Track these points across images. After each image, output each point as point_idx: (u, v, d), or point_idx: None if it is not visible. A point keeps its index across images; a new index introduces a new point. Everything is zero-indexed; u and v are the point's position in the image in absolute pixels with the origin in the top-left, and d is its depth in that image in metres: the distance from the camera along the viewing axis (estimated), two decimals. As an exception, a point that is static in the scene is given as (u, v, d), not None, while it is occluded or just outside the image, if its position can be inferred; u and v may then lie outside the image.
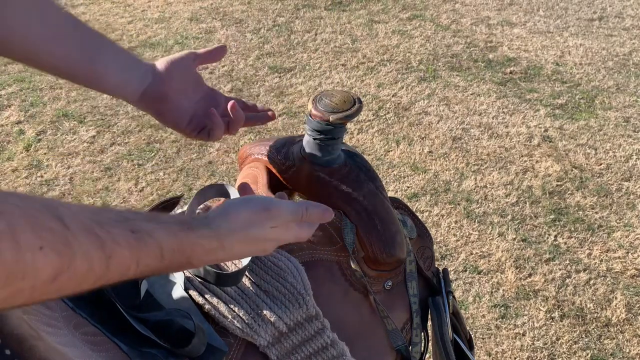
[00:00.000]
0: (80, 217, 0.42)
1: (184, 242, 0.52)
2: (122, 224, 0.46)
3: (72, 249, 0.40)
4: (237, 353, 0.67)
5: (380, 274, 0.85)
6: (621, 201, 2.37)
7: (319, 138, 0.83)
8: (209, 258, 0.57)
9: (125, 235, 0.46)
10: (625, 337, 1.83)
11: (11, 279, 0.36)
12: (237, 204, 0.61)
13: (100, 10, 3.89)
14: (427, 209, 2.30)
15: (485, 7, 4.10)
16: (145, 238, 0.48)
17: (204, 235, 0.55)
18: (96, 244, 0.43)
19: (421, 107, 2.95)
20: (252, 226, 0.60)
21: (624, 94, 3.12)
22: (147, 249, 0.48)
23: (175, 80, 0.78)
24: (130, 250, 0.46)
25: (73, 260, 0.40)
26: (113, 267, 0.44)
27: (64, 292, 0.42)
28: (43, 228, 0.39)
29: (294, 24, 3.78)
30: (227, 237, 0.57)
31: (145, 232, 0.48)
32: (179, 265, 0.53)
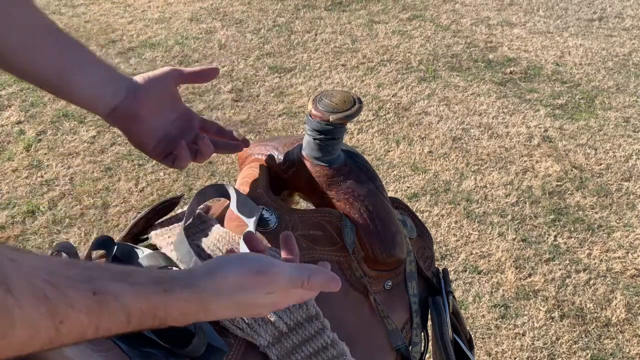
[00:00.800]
0: (30, 278, 0.39)
1: (157, 305, 0.47)
2: (83, 285, 0.42)
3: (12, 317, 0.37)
4: (237, 353, 0.67)
5: (380, 274, 0.86)
6: (621, 201, 2.37)
7: (319, 138, 0.83)
8: (187, 320, 0.51)
9: (85, 299, 0.42)
10: (625, 337, 1.83)
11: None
12: (228, 263, 0.53)
13: (100, 11, 3.89)
14: (427, 209, 2.30)
15: (485, 7, 4.10)
16: (108, 301, 0.43)
17: (183, 298, 0.49)
18: (44, 310, 0.39)
19: (421, 107, 2.95)
20: (243, 291, 0.53)
21: (623, 94, 3.13)
22: (109, 313, 0.43)
23: (150, 98, 0.75)
24: (87, 314, 0.42)
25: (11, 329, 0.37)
26: (65, 332, 0.41)
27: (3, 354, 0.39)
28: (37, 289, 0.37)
29: (294, 24, 3.78)
30: (211, 301, 0.51)
31: (110, 294, 0.44)
32: (150, 326, 0.48)
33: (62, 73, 0.70)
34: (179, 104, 0.80)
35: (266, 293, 0.54)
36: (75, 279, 0.42)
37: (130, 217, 2.20)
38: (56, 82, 0.71)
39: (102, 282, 0.43)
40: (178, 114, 0.80)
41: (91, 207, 2.25)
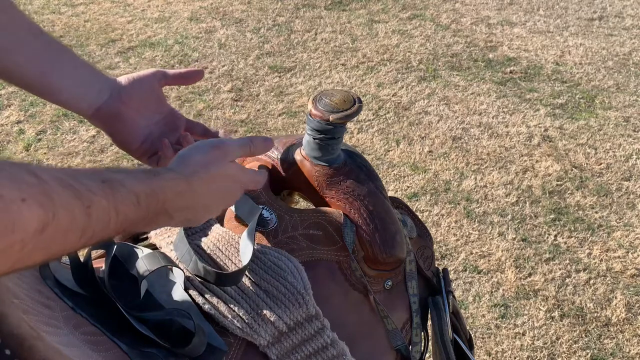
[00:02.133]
0: (52, 172, 0.43)
1: (154, 186, 0.53)
2: (93, 176, 0.47)
3: (52, 199, 0.41)
4: (237, 353, 0.67)
5: (380, 274, 0.85)
6: (621, 201, 2.37)
7: (318, 138, 0.83)
8: (182, 202, 0.58)
9: (98, 186, 0.46)
10: (625, 337, 1.83)
11: (2, 231, 0.37)
12: (189, 150, 0.63)
13: (100, 10, 3.89)
14: (427, 208, 2.30)
15: (485, 6, 4.10)
16: (117, 186, 0.48)
17: (171, 177, 0.57)
18: (73, 195, 0.43)
19: (421, 106, 2.95)
20: (210, 165, 0.62)
21: (624, 94, 3.12)
22: (121, 196, 0.48)
23: (134, 99, 0.75)
24: (106, 198, 0.46)
25: (56, 211, 0.41)
26: (94, 217, 0.45)
27: (53, 247, 0.42)
28: (21, 182, 0.39)
29: (294, 24, 3.77)
30: (191, 177, 0.59)
31: (116, 181, 0.49)
32: (156, 211, 0.54)
33: (45, 74, 0.71)
34: (164, 105, 0.80)
35: (229, 162, 0.64)
36: (84, 174, 0.46)
37: (130, 217, 2.19)
38: (40, 83, 0.71)
39: (105, 174, 0.49)
40: (162, 115, 0.80)
41: (91, 206, 2.25)
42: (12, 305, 0.48)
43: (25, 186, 0.39)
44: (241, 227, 0.79)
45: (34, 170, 0.41)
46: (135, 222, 0.52)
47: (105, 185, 0.47)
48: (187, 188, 0.58)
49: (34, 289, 0.57)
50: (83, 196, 0.44)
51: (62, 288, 0.61)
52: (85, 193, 0.44)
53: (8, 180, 0.38)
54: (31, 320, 0.49)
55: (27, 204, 0.38)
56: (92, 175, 0.47)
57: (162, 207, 0.55)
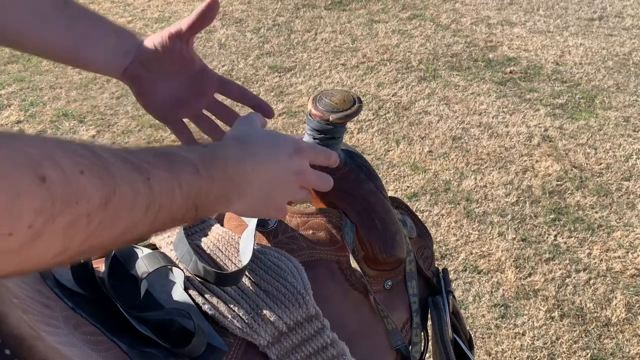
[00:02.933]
0: (105, 147, 0.42)
1: (212, 154, 0.53)
2: (146, 150, 0.46)
3: (111, 173, 0.39)
4: (237, 353, 0.67)
5: (380, 274, 0.85)
6: (621, 201, 2.37)
7: (318, 137, 0.83)
8: (243, 168, 0.56)
9: (154, 158, 0.45)
10: (625, 337, 1.83)
11: (66, 202, 0.35)
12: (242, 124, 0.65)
13: (100, 10, 3.89)
14: (427, 208, 2.30)
15: (485, 6, 4.10)
16: (172, 157, 0.47)
17: (227, 145, 0.57)
18: (131, 167, 0.42)
19: (421, 106, 2.95)
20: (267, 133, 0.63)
21: (624, 94, 3.12)
22: (179, 166, 0.47)
23: (152, 62, 0.73)
24: (164, 169, 0.45)
25: (116, 185, 0.39)
26: (157, 189, 0.43)
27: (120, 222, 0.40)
28: (77, 154, 0.38)
29: (294, 24, 3.77)
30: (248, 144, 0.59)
31: (171, 153, 0.48)
32: (220, 180, 0.52)
33: (75, 46, 0.71)
34: (190, 65, 0.76)
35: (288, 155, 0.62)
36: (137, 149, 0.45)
37: (130, 217, 2.19)
38: (70, 55, 0.72)
39: (157, 148, 0.48)
40: (190, 75, 0.77)
41: (91, 206, 2.25)
42: (12, 305, 0.48)
43: (81, 158, 0.38)
44: (241, 227, 0.79)
45: (87, 145, 0.40)
46: (204, 193, 0.49)
47: (161, 157, 0.46)
48: (247, 152, 0.57)
49: (34, 289, 0.57)
50: (141, 168, 0.42)
51: (62, 288, 0.61)
52: (143, 165, 0.43)
53: (65, 153, 0.37)
54: (31, 320, 0.49)
55: (86, 176, 0.37)
56: (146, 149, 0.46)
57: (226, 176, 0.53)
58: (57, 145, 0.37)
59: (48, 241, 0.35)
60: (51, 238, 0.35)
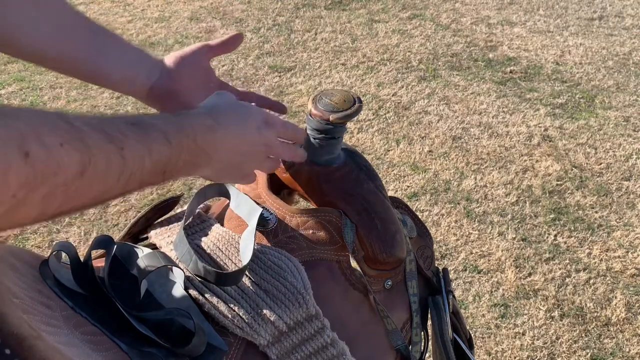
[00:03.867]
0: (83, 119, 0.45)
1: (183, 123, 0.55)
2: (121, 120, 0.49)
3: (88, 144, 0.43)
4: (237, 352, 0.67)
5: (380, 274, 0.85)
6: (621, 201, 2.37)
7: (318, 137, 0.83)
8: (212, 136, 0.59)
9: (128, 128, 0.48)
10: (625, 337, 1.83)
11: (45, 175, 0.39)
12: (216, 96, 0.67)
13: (100, 10, 3.89)
14: (427, 208, 2.30)
15: (485, 6, 4.10)
16: (146, 126, 0.50)
17: (198, 113, 0.59)
18: (106, 139, 0.45)
19: (421, 106, 2.95)
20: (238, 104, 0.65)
21: (624, 94, 3.12)
22: (151, 135, 0.50)
23: (183, 76, 0.77)
24: (137, 139, 0.48)
25: (92, 155, 0.43)
26: (129, 159, 0.47)
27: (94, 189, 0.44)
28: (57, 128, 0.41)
29: (294, 23, 3.77)
30: (218, 113, 0.61)
31: (145, 122, 0.50)
32: (190, 149, 0.55)
33: (95, 62, 0.72)
34: (212, 79, 0.81)
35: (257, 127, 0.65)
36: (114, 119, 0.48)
37: (130, 217, 2.20)
38: (90, 71, 0.73)
39: (133, 117, 0.50)
40: (212, 89, 0.80)
41: (91, 206, 2.25)
42: (12, 305, 0.48)
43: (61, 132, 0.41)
44: (241, 227, 0.79)
45: (66, 117, 0.43)
46: (173, 161, 0.53)
47: (135, 127, 0.49)
48: (214, 123, 0.59)
49: (33, 288, 0.57)
50: (115, 139, 0.46)
51: (62, 288, 0.61)
52: (117, 135, 0.46)
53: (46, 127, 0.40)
54: (31, 320, 0.50)
55: (65, 149, 0.40)
56: (121, 118, 0.49)
57: (194, 144, 0.56)
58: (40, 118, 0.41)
59: (28, 208, 0.39)
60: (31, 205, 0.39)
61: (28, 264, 0.61)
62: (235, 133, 0.63)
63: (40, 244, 2.06)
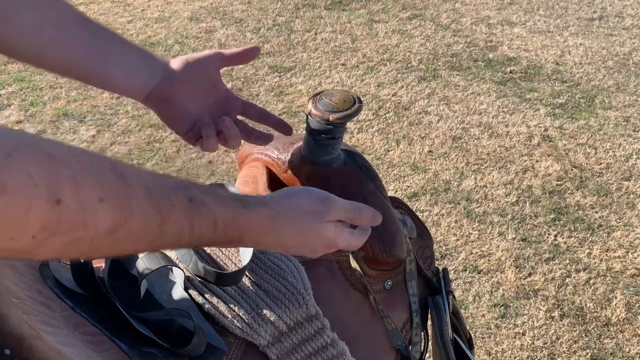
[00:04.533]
0: (141, 177, 0.44)
1: (239, 217, 0.53)
2: (180, 191, 0.48)
3: (131, 205, 0.42)
4: (237, 352, 0.67)
5: (380, 274, 0.85)
6: (621, 201, 2.37)
7: (318, 137, 0.83)
8: (260, 238, 0.57)
9: (182, 201, 0.47)
10: (625, 337, 1.83)
11: (73, 226, 0.38)
12: (299, 191, 0.63)
13: (100, 10, 3.89)
14: (427, 208, 2.30)
15: (485, 6, 4.10)
16: (200, 207, 0.49)
17: (261, 213, 0.56)
18: (152, 205, 0.44)
19: (421, 106, 2.95)
20: (307, 214, 0.60)
21: (624, 94, 3.12)
22: (201, 217, 0.49)
23: (185, 84, 0.74)
24: (185, 215, 0.47)
25: (130, 216, 0.42)
26: (167, 231, 0.46)
27: (120, 247, 0.43)
28: (105, 181, 0.40)
29: (294, 24, 3.77)
30: (281, 220, 0.58)
31: (201, 202, 0.49)
32: (231, 239, 0.54)
33: (97, 65, 0.71)
34: (219, 88, 0.79)
35: (325, 222, 0.62)
36: (173, 185, 0.48)
37: (130, 217, 2.19)
38: (92, 74, 0.72)
39: (194, 191, 0.49)
40: (216, 98, 0.78)
41: (91, 206, 2.25)
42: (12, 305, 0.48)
43: (108, 187, 0.40)
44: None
45: (122, 170, 0.42)
46: (209, 242, 0.53)
47: (191, 204, 0.48)
48: (270, 227, 0.57)
49: (33, 289, 0.57)
50: (163, 208, 0.45)
51: (62, 288, 0.61)
52: (166, 206, 0.45)
53: (94, 179, 0.40)
54: (31, 320, 0.49)
55: (103, 205, 0.40)
56: (181, 189, 0.48)
57: (238, 237, 0.55)
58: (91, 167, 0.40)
59: (47, 250, 0.38)
60: (51, 248, 0.38)
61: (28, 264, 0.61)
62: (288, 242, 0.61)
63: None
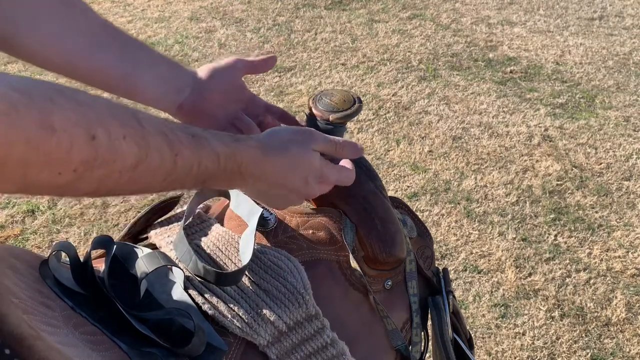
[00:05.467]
0: (153, 121, 0.50)
1: (234, 149, 0.59)
2: (185, 130, 0.54)
3: (148, 142, 0.48)
4: (237, 352, 0.67)
5: (380, 274, 0.85)
6: (621, 200, 2.37)
7: (318, 137, 0.83)
8: (256, 170, 0.62)
9: (188, 138, 0.53)
10: (625, 337, 1.83)
11: (105, 160, 0.45)
12: (278, 129, 0.68)
13: (100, 10, 3.89)
14: (427, 208, 2.30)
15: (485, 6, 4.10)
16: (203, 142, 0.55)
17: (250, 145, 0.61)
18: (165, 142, 0.50)
19: (421, 106, 2.95)
20: (292, 142, 0.65)
21: (624, 93, 3.12)
22: (205, 151, 0.55)
23: (214, 93, 0.76)
24: (192, 150, 0.53)
25: (149, 152, 0.48)
26: (180, 164, 0.52)
27: (141, 182, 0.50)
28: (126, 123, 0.47)
29: (294, 23, 3.77)
30: (269, 148, 0.63)
31: (203, 138, 0.56)
32: (232, 172, 0.59)
33: (126, 76, 0.71)
34: (244, 94, 0.80)
35: (312, 149, 0.66)
36: (179, 127, 0.54)
37: (130, 217, 2.20)
38: (122, 85, 0.72)
39: (195, 130, 0.56)
40: (243, 104, 0.80)
41: (91, 206, 2.25)
42: (11, 305, 0.48)
43: (128, 127, 0.47)
44: (241, 227, 0.79)
45: (137, 116, 0.49)
46: (214, 176, 0.58)
47: (194, 139, 0.54)
48: (262, 157, 0.62)
49: (33, 288, 0.57)
50: (174, 145, 0.51)
51: (61, 287, 0.61)
52: (177, 143, 0.52)
53: (116, 120, 0.46)
54: (31, 320, 0.50)
55: (127, 141, 0.46)
56: (185, 128, 0.54)
57: (237, 169, 0.60)
58: (111, 111, 0.47)
59: (85, 183, 0.45)
60: (88, 182, 0.45)
61: (28, 264, 0.61)
62: (281, 173, 0.64)
63: (40, 244, 2.06)
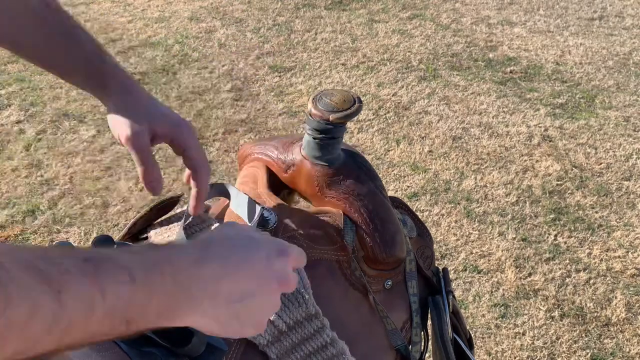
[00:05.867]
0: (16, 254, 0.37)
1: (158, 256, 0.44)
2: (74, 254, 0.40)
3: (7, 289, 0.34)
4: (237, 352, 0.67)
5: (380, 273, 0.85)
6: (621, 200, 2.37)
7: (318, 137, 0.83)
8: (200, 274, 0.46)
9: (77, 265, 0.38)
10: (625, 337, 1.83)
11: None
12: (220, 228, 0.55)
13: (100, 10, 3.89)
14: (427, 208, 2.30)
15: (485, 6, 4.10)
16: (102, 263, 0.40)
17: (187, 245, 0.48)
18: (36, 280, 0.36)
19: (421, 106, 2.95)
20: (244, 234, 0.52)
21: (624, 94, 3.12)
22: (107, 273, 0.39)
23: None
24: (86, 281, 0.38)
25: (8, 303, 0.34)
26: (68, 304, 0.37)
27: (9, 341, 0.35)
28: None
29: (294, 23, 3.77)
30: (210, 243, 0.48)
31: (103, 257, 0.41)
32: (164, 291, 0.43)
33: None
34: None
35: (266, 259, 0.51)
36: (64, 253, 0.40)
37: (130, 217, 2.20)
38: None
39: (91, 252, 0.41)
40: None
41: (91, 206, 2.25)
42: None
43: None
44: (241, 226, 0.79)
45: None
46: (139, 306, 0.42)
47: (86, 263, 0.39)
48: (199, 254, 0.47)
49: (33, 289, 0.57)
50: (52, 280, 0.36)
51: (61, 288, 0.61)
52: (57, 275, 0.37)
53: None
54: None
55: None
56: (74, 253, 0.40)
57: (174, 285, 0.44)
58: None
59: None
60: None
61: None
62: (235, 266, 0.48)
63: (41, 244, 2.07)
